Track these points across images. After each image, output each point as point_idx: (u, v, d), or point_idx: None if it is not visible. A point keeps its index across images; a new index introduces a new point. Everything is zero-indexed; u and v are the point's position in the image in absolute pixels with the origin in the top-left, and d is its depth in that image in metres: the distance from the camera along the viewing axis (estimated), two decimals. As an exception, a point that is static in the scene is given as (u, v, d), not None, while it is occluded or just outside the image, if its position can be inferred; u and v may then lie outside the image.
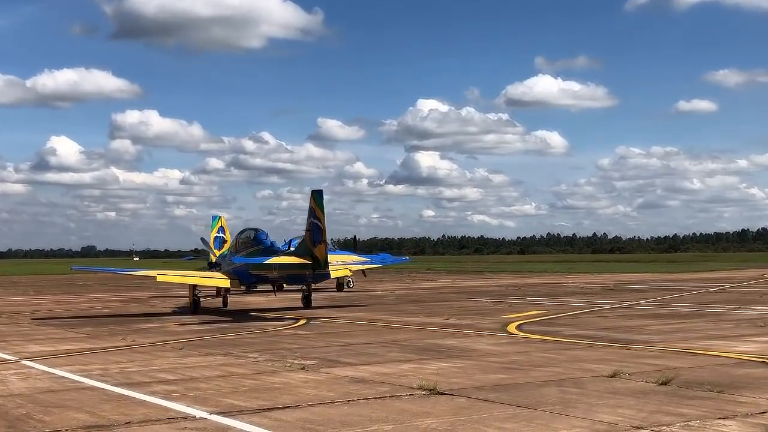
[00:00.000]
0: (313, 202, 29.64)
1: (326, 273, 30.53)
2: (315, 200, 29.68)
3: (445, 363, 16.57)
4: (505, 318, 27.18)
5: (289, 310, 32.25)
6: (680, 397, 12.40)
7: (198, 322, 27.77)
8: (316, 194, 29.82)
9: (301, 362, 16.77)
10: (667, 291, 42.69)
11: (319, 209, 29.43)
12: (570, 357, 17.20)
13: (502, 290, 46.00)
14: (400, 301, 38.21)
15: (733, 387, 13.08)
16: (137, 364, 17.06)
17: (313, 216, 29.47)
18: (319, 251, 29.55)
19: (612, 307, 31.64)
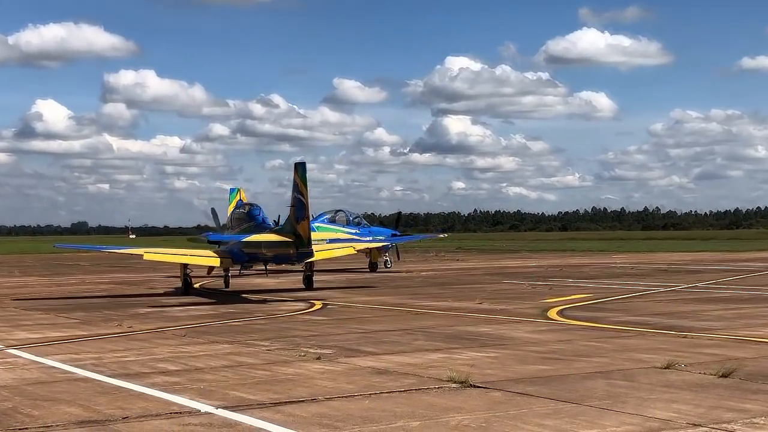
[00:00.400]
0: (296, 176, 30.49)
1: (309, 251, 31.33)
2: (298, 173, 30.47)
3: (478, 352, 16.60)
4: (544, 302, 27.18)
5: (302, 292, 32.42)
6: (743, 390, 12.36)
7: (202, 307, 27.97)
8: (299, 167, 30.64)
9: (317, 351, 16.85)
10: (727, 272, 42.49)
11: (302, 183, 30.26)
12: (618, 346, 17.18)
13: (542, 271, 45.97)
14: (427, 283, 38.29)
15: (803, 380, 13.03)
16: (135, 353, 17.22)
17: (297, 190, 30.36)
18: (302, 228, 30.32)
19: (666, 291, 31.55)
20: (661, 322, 21.29)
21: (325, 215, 48.89)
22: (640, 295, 29.90)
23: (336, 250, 38.41)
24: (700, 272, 43.07)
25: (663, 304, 26.59)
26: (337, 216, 49.10)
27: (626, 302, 27.26)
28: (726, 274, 40.53)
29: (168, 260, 34.63)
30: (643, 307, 25.41)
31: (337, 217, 49.02)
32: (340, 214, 49.31)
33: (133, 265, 59.21)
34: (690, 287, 33.14)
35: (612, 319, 22.25)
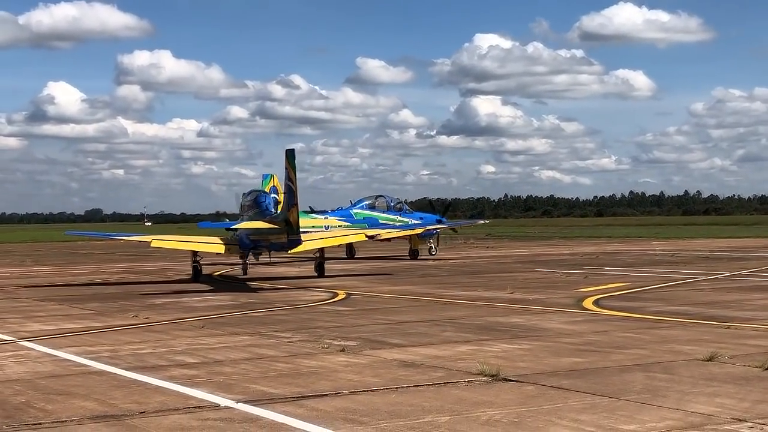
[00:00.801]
0: (287, 162, 31.77)
1: (297, 239, 32.42)
2: (288, 160, 31.77)
3: (510, 344, 16.58)
4: (579, 292, 27.10)
5: (325, 281, 32.50)
6: (790, 384, 12.28)
7: (221, 297, 28.10)
8: (289, 153, 31.95)
9: (341, 343, 16.89)
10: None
11: (292, 170, 31.51)
12: (658, 337, 17.11)
13: (576, 259, 45.84)
14: (455, 272, 38.29)
15: None
16: (152, 345, 17.32)
17: (287, 177, 31.67)
18: (292, 215, 31.58)
19: (707, 279, 31.37)
20: (702, 312, 21.18)
21: (364, 201, 50.24)
22: (681, 283, 29.75)
23: (346, 237, 39.41)
24: (744, 259, 42.78)
25: (704, 293, 26.44)
26: (377, 201, 50.30)
27: (665, 291, 27.13)
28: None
29: (175, 247, 36.23)
30: (683, 297, 25.28)
31: (377, 202, 50.24)
32: (380, 200, 50.46)
33: (150, 254, 59.50)
34: (733, 275, 32.93)
35: (650, 309, 22.15)
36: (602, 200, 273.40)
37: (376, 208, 49.92)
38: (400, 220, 49.41)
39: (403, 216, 49.73)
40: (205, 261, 37.07)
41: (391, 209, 50.08)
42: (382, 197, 50.99)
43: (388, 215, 49.60)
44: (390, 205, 50.29)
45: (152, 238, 36.11)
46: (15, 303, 27.28)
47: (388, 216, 49.58)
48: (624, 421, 10.37)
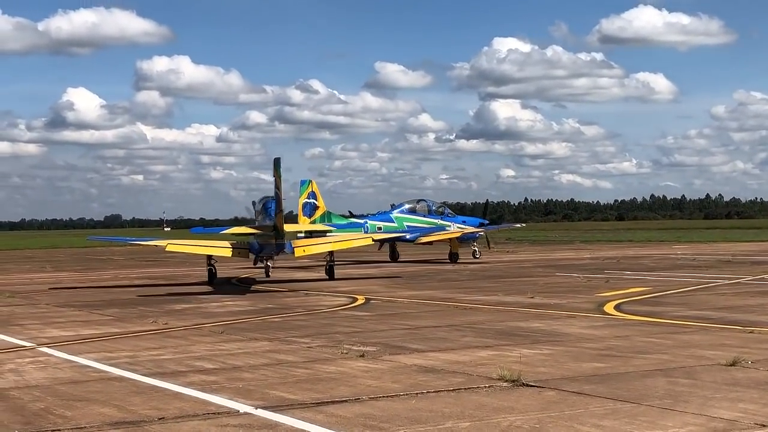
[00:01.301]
0: (274, 171, 33.39)
1: (283, 243, 33.66)
2: (275, 168, 33.43)
3: (530, 349, 16.52)
4: (600, 296, 27.00)
5: (345, 286, 32.52)
6: (815, 389, 12.18)
7: (240, 302, 28.15)
8: (276, 162, 33.55)
9: (361, 348, 16.88)
10: (796, 263, 41.91)
11: (278, 177, 33.01)
12: (680, 342, 17.02)
13: (597, 263, 45.67)
14: (475, 276, 38.22)
15: None
16: (171, 351, 17.37)
17: (275, 185, 33.27)
18: (278, 221, 33.18)
19: (730, 283, 31.19)
20: (725, 317, 21.05)
21: (405, 205, 50.86)
22: (703, 288, 29.59)
23: (353, 240, 39.84)
24: (767, 263, 42.50)
25: (727, 297, 26.29)
26: (418, 206, 50.81)
27: (687, 296, 26.99)
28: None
29: (189, 251, 37.56)
30: (705, 301, 25.14)
31: (418, 206, 50.73)
32: (421, 204, 51.03)
33: (168, 259, 59.73)
34: (756, 279, 32.73)
35: (672, 313, 22.04)
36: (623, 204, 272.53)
37: (417, 212, 50.37)
38: (442, 224, 49.74)
39: (444, 220, 50.20)
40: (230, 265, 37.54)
41: (432, 213, 50.58)
42: (423, 201, 51.52)
43: (429, 219, 50.04)
44: (431, 209, 50.80)
45: (167, 242, 37.49)
46: (34, 309, 27.41)
47: (429, 220, 50.01)
48: (646, 426, 10.31)
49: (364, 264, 49.57)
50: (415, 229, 48.86)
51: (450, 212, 52.13)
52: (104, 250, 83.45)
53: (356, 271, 43.11)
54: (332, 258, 38.15)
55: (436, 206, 51.47)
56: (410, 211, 50.22)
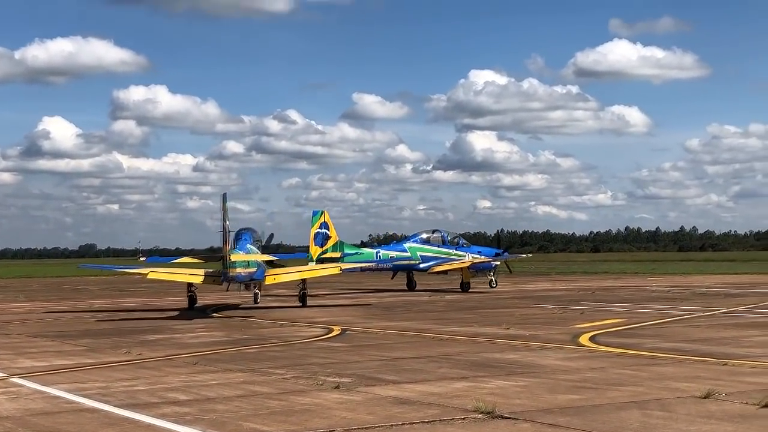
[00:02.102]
0: (222, 204, 35.55)
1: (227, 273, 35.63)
2: (222, 202, 35.59)
3: (505, 381, 16.50)
4: (576, 328, 27.03)
5: (321, 317, 32.40)
6: (788, 422, 12.21)
7: (214, 333, 28.00)
8: (223, 196, 35.79)
9: (335, 380, 16.80)
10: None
11: (225, 211, 35.19)
12: (654, 374, 17.04)
13: (573, 295, 45.75)
14: (452, 307, 38.19)
15: None
16: (144, 382, 17.22)
17: (223, 217, 35.30)
18: (224, 251, 35.30)
19: (704, 315, 31.31)
20: (699, 349, 21.12)
21: (419, 235, 52.19)
22: (677, 319, 29.69)
23: (321, 270, 41.88)
24: (740, 296, 42.73)
25: (701, 329, 26.38)
26: (432, 236, 51.98)
27: (662, 327, 27.07)
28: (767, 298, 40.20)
29: (171, 279, 39.40)
30: (680, 333, 25.22)
31: (432, 237, 51.90)
32: (435, 234, 52.15)
33: (144, 289, 59.37)
34: (730, 312, 32.88)
35: (647, 345, 22.09)
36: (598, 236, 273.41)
37: (431, 242, 51.44)
38: (456, 254, 51.02)
39: (458, 250, 51.40)
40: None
41: (447, 243, 51.64)
42: (437, 232, 52.50)
43: (443, 249, 51.18)
44: (445, 239, 51.81)
45: (149, 270, 39.52)
46: (7, 339, 27.13)
47: (443, 250, 51.17)
48: (620, 459, 10.29)
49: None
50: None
51: (465, 243, 53.25)
52: (78, 280, 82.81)
53: (332, 301, 43.01)
54: (305, 286, 39.62)
55: (451, 236, 52.56)
56: (424, 241, 51.43)
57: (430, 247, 51.17)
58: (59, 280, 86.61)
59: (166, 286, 59.36)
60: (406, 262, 50.56)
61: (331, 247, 48.18)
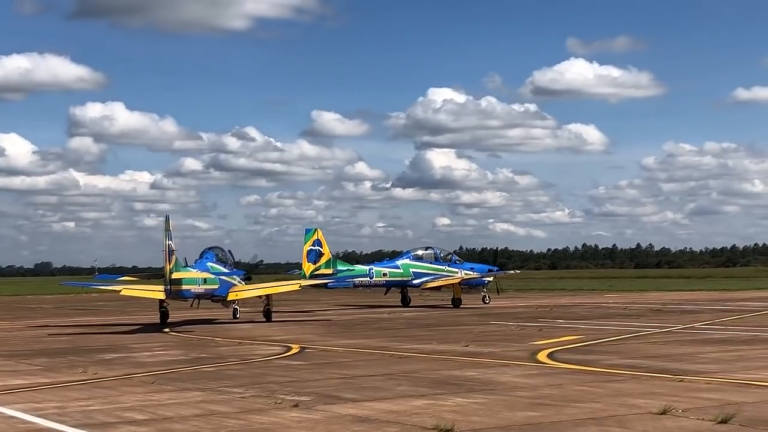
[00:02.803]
0: (166, 225, 37.60)
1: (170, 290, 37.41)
2: (166, 222, 37.66)
3: (465, 398, 16.51)
4: (534, 345, 27.12)
5: (279, 335, 32.25)
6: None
7: (172, 352, 27.78)
8: (166, 217, 37.94)
9: (295, 398, 16.73)
10: (724, 312, 42.59)
11: (167, 231, 37.29)
12: (612, 390, 17.14)
13: (531, 312, 45.94)
14: (410, 325, 38.19)
15: (806, 425, 13.02)
16: (100, 402, 17.04)
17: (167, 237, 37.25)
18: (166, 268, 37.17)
19: (660, 332, 31.56)
20: (655, 365, 21.27)
21: (411, 253, 53.41)
22: (634, 336, 29.90)
23: (281, 287, 42.91)
24: (696, 312, 43.16)
25: (658, 345, 26.58)
26: (425, 253, 53.29)
27: (619, 344, 27.24)
28: (723, 314, 40.62)
29: (145, 296, 40.62)
30: (636, 349, 25.39)
31: (424, 253, 53.20)
32: (428, 251, 53.46)
33: (100, 308, 58.80)
34: (685, 328, 33.18)
35: (604, 361, 22.22)
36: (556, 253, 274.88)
37: (423, 259, 52.57)
38: (449, 270, 52.08)
39: (451, 266, 52.48)
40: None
41: (439, 260, 52.76)
42: (430, 249, 53.75)
43: (436, 266, 52.26)
44: (438, 256, 52.96)
45: (123, 287, 40.90)
46: (-40, 358, 26.71)
47: (436, 267, 52.25)
48: (579, 476, 10.34)
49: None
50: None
51: (458, 259, 54.32)
52: (33, 299, 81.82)
53: (292, 318, 42.84)
54: (268, 302, 41.09)
55: (444, 253, 53.68)
56: (416, 258, 52.52)
57: (423, 264, 52.20)
58: (14, 298, 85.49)
59: (122, 304, 58.98)
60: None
61: (324, 263, 49.12)
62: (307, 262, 48.90)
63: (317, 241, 49.20)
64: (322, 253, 49.37)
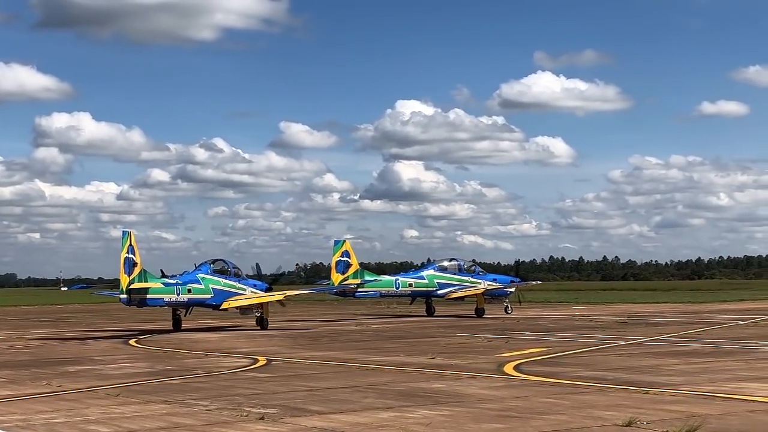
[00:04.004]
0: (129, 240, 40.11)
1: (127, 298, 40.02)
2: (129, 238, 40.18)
3: (431, 411, 16.51)
4: (501, 357, 27.17)
5: (246, 347, 32.10)
6: (707, 449, 12.41)
7: (137, 364, 27.57)
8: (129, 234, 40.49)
9: (260, 411, 16.66)
10: (690, 324, 42.87)
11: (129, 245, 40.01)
12: (577, 402, 17.20)
13: (498, 324, 46.02)
14: (378, 337, 38.15)
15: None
16: (64, 414, 16.89)
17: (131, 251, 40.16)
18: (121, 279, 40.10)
19: (626, 344, 31.72)
20: (621, 377, 21.37)
21: (435, 264, 55.66)
22: (600, 348, 30.03)
23: (268, 297, 44.31)
24: (662, 324, 43.42)
25: (623, 358, 26.71)
26: (449, 264, 55.17)
27: (585, 356, 27.36)
28: (688, 327, 40.89)
29: None
30: (602, 361, 25.50)
31: (449, 265, 55.07)
32: (453, 263, 55.35)
33: (65, 320, 58.27)
34: (651, 340, 33.38)
35: (570, 374, 22.30)
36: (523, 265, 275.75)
37: (448, 270, 54.52)
38: (472, 281, 54.12)
39: (475, 278, 54.45)
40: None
41: (463, 271, 54.73)
42: (454, 260, 55.60)
43: (460, 277, 54.28)
44: (461, 267, 54.91)
45: None
46: None
47: (460, 277, 54.28)
48: (544, 488, 10.36)
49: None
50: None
51: (481, 270, 56.34)
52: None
53: (259, 332, 42.66)
54: (264, 310, 43.71)
55: (467, 265, 55.61)
56: (441, 269, 54.51)
57: (447, 275, 54.14)
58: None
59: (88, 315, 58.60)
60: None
61: (352, 274, 51.50)
62: (336, 272, 51.46)
63: (345, 252, 51.59)
64: (350, 264, 51.67)
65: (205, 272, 43.43)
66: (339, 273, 51.49)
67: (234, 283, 44.28)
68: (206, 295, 42.90)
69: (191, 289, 42.34)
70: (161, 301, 41.35)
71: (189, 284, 42.40)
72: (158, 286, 41.10)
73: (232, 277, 44.28)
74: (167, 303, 41.96)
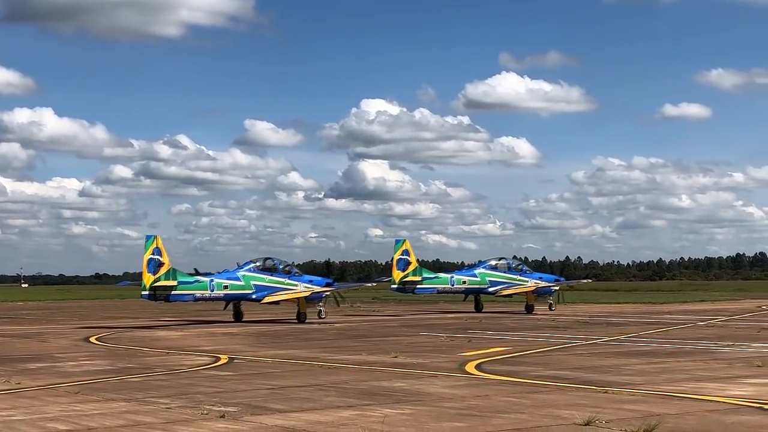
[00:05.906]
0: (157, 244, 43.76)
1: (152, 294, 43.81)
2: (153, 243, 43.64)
3: (392, 409, 16.55)
4: (462, 356, 27.28)
5: (208, 346, 31.99)
6: (664, 448, 12.54)
7: (98, 362, 27.40)
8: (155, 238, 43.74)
9: (221, 409, 16.63)
10: (650, 325, 43.25)
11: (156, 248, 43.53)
12: (537, 401, 17.31)
13: (460, 323, 46.18)
14: (341, 336, 38.16)
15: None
16: (23, 412, 16.77)
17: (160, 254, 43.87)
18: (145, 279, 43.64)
19: (586, 344, 31.95)
20: (581, 377, 21.54)
21: (486, 263, 59.47)
22: (561, 348, 30.24)
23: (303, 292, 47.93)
24: (623, 324, 43.77)
25: (583, 357, 26.91)
26: (499, 263, 59.18)
27: (546, 355, 27.53)
28: (648, 327, 41.25)
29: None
30: (563, 361, 25.68)
31: (499, 263, 59.07)
32: (502, 261, 59.51)
33: (24, 317, 57.74)
34: (612, 340, 33.63)
35: (531, 373, 22.44)
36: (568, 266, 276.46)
37: (498, 268, 58.42)
38: (521, 279, 57.90)
39: (523, 276, 58.35)
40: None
41: (512, 270, 58.76)
42: (503, 259, 59.90)
43: (509, 275, 58.08)
44: (510, 266, 59.00)
45: None
46: None
47: (509, 276, 58.10)
48: (503, 486, 10.43)
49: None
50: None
51: (528, 269, 60.73)
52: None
53: (221, 330, 42.54)
54: (301, 305, 47.58)
55: (515, 263, 59.97)
56: (492, 268, 58.35)
57: (498, 273, 57.89)
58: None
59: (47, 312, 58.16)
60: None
61: (412, 271, 55.35)
62: (397, 269, 55.01)
63: (405, 251, 55.07)
64: (409, 262, 55.35)
65: (248, 270, 47.37)
66: (399, 270, 54.92)
67: (282, 280, 48.09)
68: (246, 291, 46.93)
69: (228, 285, 46.35)
70: (190, 296, 45.19)
71: (226, 281, 46.43)
72: (186, 283, 44.73)
73: (280, 273, 48.06)
74: (198, 299, 45.88)
